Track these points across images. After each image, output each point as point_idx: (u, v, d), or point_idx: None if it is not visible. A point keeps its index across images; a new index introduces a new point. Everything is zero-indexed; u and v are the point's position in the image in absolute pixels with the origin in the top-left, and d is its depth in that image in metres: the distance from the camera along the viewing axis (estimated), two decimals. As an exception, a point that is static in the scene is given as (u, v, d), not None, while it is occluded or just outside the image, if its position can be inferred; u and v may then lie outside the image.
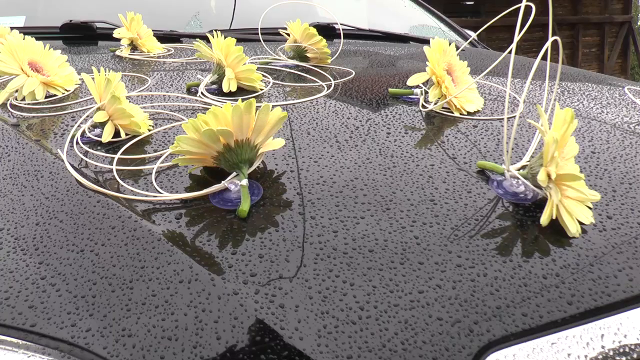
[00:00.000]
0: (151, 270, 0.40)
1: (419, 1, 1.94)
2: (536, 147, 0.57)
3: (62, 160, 0.54)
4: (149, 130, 0.60)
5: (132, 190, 0.49)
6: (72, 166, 0.52)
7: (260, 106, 0.48)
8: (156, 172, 0.52)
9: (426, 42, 1.55)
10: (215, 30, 0.74)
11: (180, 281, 0.39)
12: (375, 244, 0.43)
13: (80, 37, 1.23)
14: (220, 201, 0.48)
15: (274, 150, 0.54)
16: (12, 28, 0.97)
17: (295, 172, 0.52)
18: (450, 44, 0.74)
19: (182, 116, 0.65)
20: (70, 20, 1.20)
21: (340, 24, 1.20)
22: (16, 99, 0.73)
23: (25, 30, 0.98)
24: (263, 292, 0.38)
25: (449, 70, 0.73)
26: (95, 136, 0.60)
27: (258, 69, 0.75)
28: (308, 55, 0.92)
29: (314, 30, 0.90)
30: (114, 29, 1.21)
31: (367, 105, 0.72)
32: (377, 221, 0.46)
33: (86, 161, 0.55)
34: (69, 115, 0.68)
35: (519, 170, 0.51)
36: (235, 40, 0.73)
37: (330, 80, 0.82)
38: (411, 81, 0.72)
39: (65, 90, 0.76)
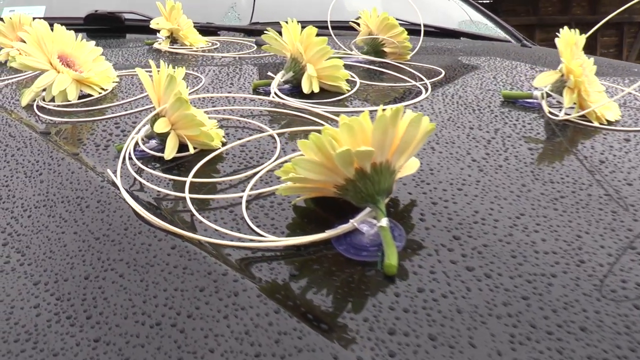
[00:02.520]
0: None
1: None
2: None
3: (114, 184, 0.41)
4: (222, 142, 0.47)
5: (219, 231, 0.36)
6: (129, 193, 0.39)
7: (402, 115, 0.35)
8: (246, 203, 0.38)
9: (478, 37, 1.42)
10: (292, 20, 0.61)
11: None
12: (585, 319, 0.30)
13: (106, 29, 1.10)
14: (350, 249, 0.34)
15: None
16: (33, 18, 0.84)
17: (438, 204, 0.39)
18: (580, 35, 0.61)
19: (257, 123, 0.52)
20: (96, 11, 1.07)
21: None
22: (44, 100, 0.60)
23: (46, 22, 0.85)
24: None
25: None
26: (151, 150, 0.46)
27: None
28: (385, 49, 0.79)
29: (394, 20, 0.77)
30: (143, 20, 1.09)
31: (483, 112, 0.58)
32: (576, 281, 0.32)
33: (145, 185, 0.41)
34: (111, 121, 0.54)
35: None
36: (316, 30, 0.59)
37: (423, 80, 0.68)
38: (538, 82, 0.59)
39: (102, 89, 0.63)
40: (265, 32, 0.62)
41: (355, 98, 0.61)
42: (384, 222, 0.34)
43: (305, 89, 0.58)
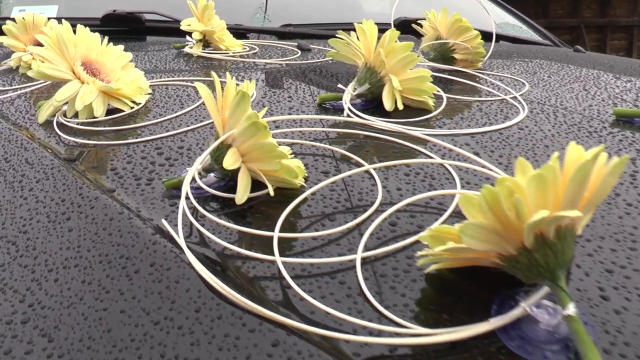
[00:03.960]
0: None
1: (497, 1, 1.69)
2: None
3: (171, 239, 0.30)
4: (305, 180, 0.37)
5: (333, 316, 0.25)
6: (196, 254, 0.29)
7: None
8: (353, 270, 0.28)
9: (517, 41, 1.31)
10: (368, 21, 0.50)
11: None
12: None
13: (124, 30, 1.00)
14: (527, 346, 0.24)
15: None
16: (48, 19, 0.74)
17: (615, 272, 0.28)
18: None
19: (337, 149, 0.41)
20: (114, 10, 0.97)
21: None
22: (65, 116, 0.50)
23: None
24: None
25: None
26: (210, 186, 0.36)
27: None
28: (455, 56, 0.69)
29: (467, 23, 0.67)
30: (166, 21, 0.99)
31: (602, 135, 0.48)
32: None
33: (211, 240, 0.31)
34: (151, 145, 0.44)
35: None
36: (399, 33, 0.49)
37: (511, 93, 0.58)
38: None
39: (134, 102, 0.53)
40: (338, 34, 0.52)
41: (445, 116, 0.51)
42: (572, 309, 0.23)
43: (388, 106, 0.48)
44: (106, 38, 0.56)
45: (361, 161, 0.39)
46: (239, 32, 1.00)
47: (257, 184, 0.35)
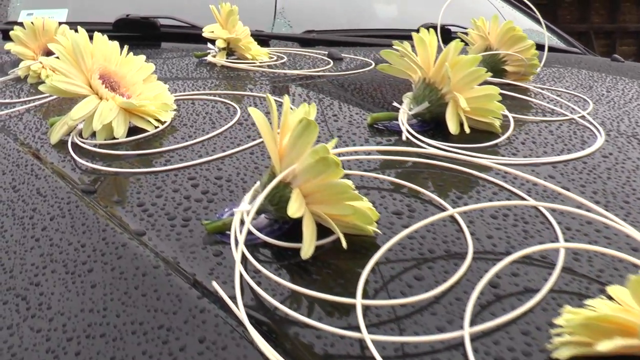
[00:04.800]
0: None
1: (515, 4, 1.62)
2: None
3: (222, 304, 0.24)
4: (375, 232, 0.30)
5: None
6: (257, 328, 0.23)
7: None
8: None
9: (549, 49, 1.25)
10: (425, 27, 0.44)
11: None
12: None
13: (137, 36, 0.94)
14: None
15: None
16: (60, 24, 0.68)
17: None
18: None
19: (404, 182, 0.35)
20: (127, 15, 0.91)
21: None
22: (81, 136, 0.44)
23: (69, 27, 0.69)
24: None
25: None
26: (261, 230, 0.30)
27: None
28: (507, 68, 0.62)
29: (520, 32, 0.61)
30: (182, 26, 0.93)
31: None
32: None
33: (272, 305, 0.25)
34: (183, 173, 0.38)
35: None
36: (463, 44, 0.43)
37: (579, 112, 0.52)
38: None
39: (159, 121, 0.47)
40: (400, 42, 0.46)
41: (514, 140, 0.44)
42: None
43: (453, 128, 0.42)
44: (126, 47, 0.50)
45: (437, 199, 0.33)
46: (259, 40, 0.94)
47: (319, 228, 0.29)
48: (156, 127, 0.46)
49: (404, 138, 0.42)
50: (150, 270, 0.28)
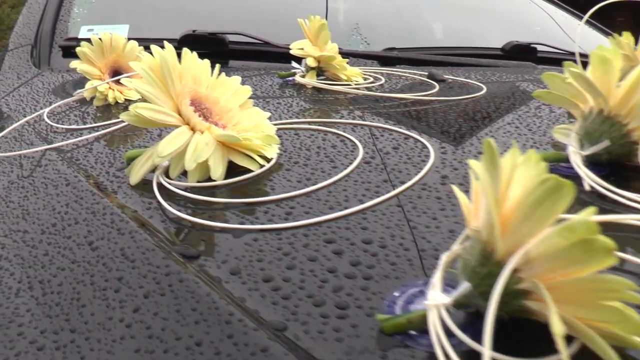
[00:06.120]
0: None
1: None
2: None
3: None
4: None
5: None
6: None
7: None
8: None
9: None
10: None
11: None
12: None
13: (204, 53, 0.86)
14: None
15: None
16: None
17: None
18: None
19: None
20: (194, 31, 0.84)
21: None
22: (167, 175, 0.36)
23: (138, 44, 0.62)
24: None
25: None
26: (474, 335, 0.20)
27: None
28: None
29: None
30: (252, 43, 0.85)
31: None
32: None
33: None
34: (315, 235, 0.29)
35: None
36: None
37: None
38: None
39: (265, 159, 0.38)
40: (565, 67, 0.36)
41: None
42: None
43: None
44: (217, 66, 0.42)
45: None
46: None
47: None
48: (261, 166, 0.37)
49: (586, 187, 0.33)
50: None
